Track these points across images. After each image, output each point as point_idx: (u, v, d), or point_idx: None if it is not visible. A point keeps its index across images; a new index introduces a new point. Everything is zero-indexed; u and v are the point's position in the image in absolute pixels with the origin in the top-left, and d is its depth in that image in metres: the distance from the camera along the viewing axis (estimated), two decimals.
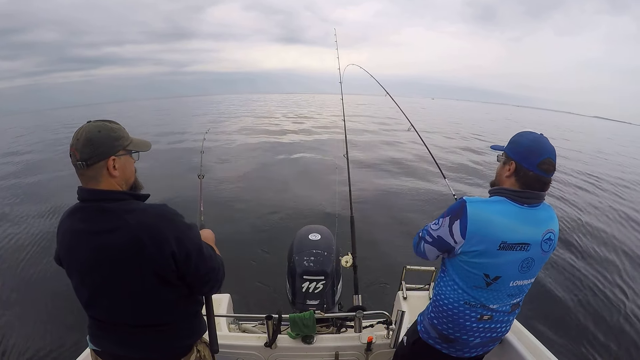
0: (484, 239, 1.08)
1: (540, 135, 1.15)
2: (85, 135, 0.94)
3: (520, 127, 25.27)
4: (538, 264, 1.14)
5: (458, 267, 1.16)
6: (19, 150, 14.52)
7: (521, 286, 1.16)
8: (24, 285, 3.98)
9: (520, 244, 1.08)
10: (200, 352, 1.17)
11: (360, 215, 2.50)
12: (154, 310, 1.02)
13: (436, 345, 1.29)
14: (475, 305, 1.16)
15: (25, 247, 4.90)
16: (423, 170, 9.57)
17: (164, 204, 1.02)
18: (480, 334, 1.21)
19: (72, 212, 1.01)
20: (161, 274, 0.96)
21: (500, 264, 1.10)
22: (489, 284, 1.12)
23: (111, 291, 0.98)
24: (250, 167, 9.82)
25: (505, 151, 1.18)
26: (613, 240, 5.62)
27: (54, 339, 3.09)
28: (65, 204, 6.18)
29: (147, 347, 1.05)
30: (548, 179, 1.11)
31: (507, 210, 1.10)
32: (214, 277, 1.09)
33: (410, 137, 12.94)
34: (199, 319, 1.17)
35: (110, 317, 1.03)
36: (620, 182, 10.36)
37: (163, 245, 0.94)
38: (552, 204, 1.34)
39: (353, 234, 2.22)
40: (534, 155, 1.09)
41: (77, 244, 0.97)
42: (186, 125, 22.74)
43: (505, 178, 1.15)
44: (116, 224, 0.93)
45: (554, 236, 1.13)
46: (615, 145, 24.90)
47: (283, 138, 15.52)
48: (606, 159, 15.70)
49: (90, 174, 0.96)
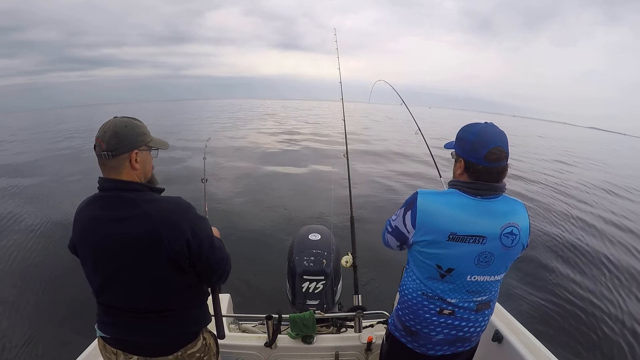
0: (432, 229, 1.08)
1: (484, 124, 1.13)
2: (112, 129, 1.01)
3: (513, 135, 25.11)
4: (501, 260, 1.10)
5: (414, 258, 1.18)
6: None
7: (483, 282, 1.12)
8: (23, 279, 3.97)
9: (473, 237, 1.06)
10: (207, 340, 1.21)
11: (360, 215, 2.51)
12: (166, 297, 1.06)
13: (401, 338, 1.27)
14: (433, 297, 1.15)
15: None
16: (425, 170, 9.59)
17: (178, 197, 1.08)
18: (442, 330, 1.17)
19: (92, 200, 1.05)
20: (176, 260, 1.01)
21: (451, 255, 1.08)
22: (443, 276, 1.11)
23: (125, 277, 1.02)
24: (251, 170, 9.83)
25: (454, 149, 1.18)
26: (615, 243, 5.63)
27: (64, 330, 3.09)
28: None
29: (156, 332, 1.08)
30: (498, 168, 1.08)
31: (459, 202, 1.09)
32: (223, 267, 1.15)
33: (416, 142, 12.94)
34: (205, 309, 1.21)
35: (121, 303, 1.06)
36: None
37: (179, 233, 0.99)
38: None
39: (353, 234, 2.22)
40: (480, 148, 1.07)
41: (95, 230, 1.01)
42: (188, 128, 22.76)
43: (458, 175, 1.16)
44: (134, 212, 0.99)
45: (517, 231, 1.08)
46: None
47: (283, 140, 15.55)
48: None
49: (114, 164, 1.02)
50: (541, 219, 6.41)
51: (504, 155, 1.08)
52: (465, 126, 1.16)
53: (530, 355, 1.49)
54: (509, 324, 1.71)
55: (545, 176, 11.04)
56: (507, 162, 1.10)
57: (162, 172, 5.97)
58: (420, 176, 9.24)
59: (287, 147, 13.91)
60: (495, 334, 1.68)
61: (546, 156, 16.93)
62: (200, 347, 1.16)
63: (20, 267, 4.32)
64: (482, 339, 1.33)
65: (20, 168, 10.43)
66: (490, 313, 1.22)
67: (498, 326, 1.69)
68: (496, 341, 1.67)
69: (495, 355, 1.68)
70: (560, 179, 10.89)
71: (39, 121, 34.93)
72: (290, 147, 13.93)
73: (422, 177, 9.04)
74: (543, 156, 16.77)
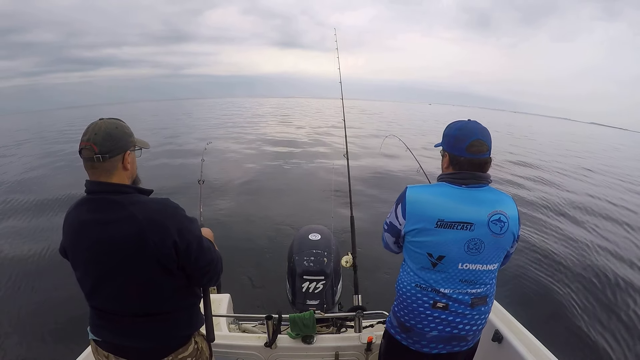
0: (421, 217, 1.14)
1: (467, 121, 1.21)
2: (104, 130, 0.99)
3: (512, 131, 24.96)
4: (492, 248, 1.12)
5: (407, 249, 1.22)
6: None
7: (475, 271, 1.13)
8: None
9: (461, 223, 1.10)
10: (198, 343, 1.19)
11: (360, 215, 2.51)
12: (155, 300, 1.05)
13: (396, 335, 1.28)
14: (427, 289, 1.16)
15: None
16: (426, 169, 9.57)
17: (166, 198, 1.07)
18: (437, 326, 1.17)
19: (80, 204, 1.04)
20: (163, 263, 1.00)
21: (441, 242, 1.12)
22: (434, 264, 1.14)
23: (115, 280, 1.01)
24: (250, 169, 9.81)
25: (441, 146, 1.25)
26: (619, 241, 5.61)
27: (55, 334, 3.08)
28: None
29: (147, 337, 1.07)
30: (480, 160, 1.15)
31: (445, 192, 1.15)
32: (213, 269, 1.14)
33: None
34: (197, 312, 1.20)
35: (112, 306, 1.05)
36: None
37: (165, 235, 0.98)
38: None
39: (353, 234, 2.22)
40: (461, 141, 1.15)
41: (83, 234, 1.00)
42: (186, 128, 22.72)
43: (445, 169, 1.23)
44: (122, 215, 0.97)
45: (505, 218, 1.12)
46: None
47: (283, 139, 15.53)
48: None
49: (107, 167, 1.00)
50: (541, 214, 6.42)
51: (485, 147, 1.15)
52: (450, 123, 1.24)
53: (530, 355, 1.49)
54: (509, 324, 1.70)
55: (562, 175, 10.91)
56: (490, 156, 1.17)
57: (157, 172, 5.92)
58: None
59: (287, 145, 13.88)
60: (495, 334, 1.68)
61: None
62: (191, 352, 1.15)
63: (21, 267, 4.33)
64: (482, 339, 1.33)
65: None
66: (487, 311, 1.21)
67: (498, 326, 1.69)
68: (496, 341, 1.66)
69: (495, 355, 1.67)
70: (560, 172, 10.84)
71: (40, 122, 34.83)
72: (290, 145, 13.89)
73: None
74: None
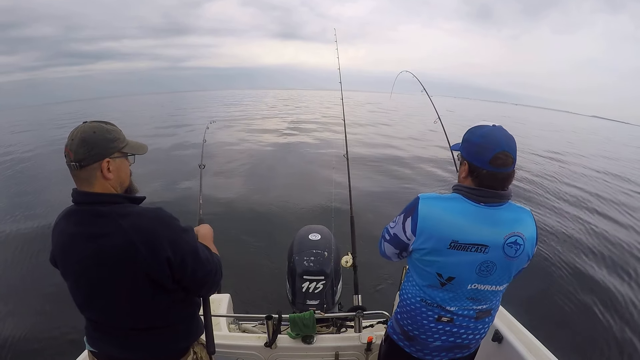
0: (432, 236, 1.05)
1: (492, 127, 1.07)
2: (80, 136, 0.92)
3: (513, 123, 24.69)
4: (503, 270, 1.06)
5: (414, 265, 1.15)
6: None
7: (484, 291, 1.09)
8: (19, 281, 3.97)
9: (475, 245, 1.02)
10: (197, 353, 1.16)
11: (360, 215, 2.50)
12: (149, 314, 1.01)
13: (399, 342, 1.26)
14: (432, 305, 1.12)
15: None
16: (426, 170, 9.58)
17: (159, 208, 1.00)
18: (440, 337, 1.15)
19: (67, 214, 0.99)
20: (155, 279, 0.95)
21: (452, 264, 1.05)
22: (443, 284, 1.08)
23: (106, 295, 0.97)
24: (250, 166, 9.78)
25: (460, 151, 1.14)
26: (621, 243, 5.59)
27: (53, 336, 3.08)
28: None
29: (143, 349, 1.05)
30: (504, 174, 1.03)
31: (462, 209, 1.04)
32: (211, 280, 1.08)
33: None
34: (196, 320, 1.16)
35: (104, 319, 1.02)
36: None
37: (157, 249, 0.92)
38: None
39: (353, 234, 2.22)
40: (485, 152, 1.02)
41: (71, 247, 0.96)
42: (187, 120, 22.62)
43: (463, 179, 1.11)
44: (110, 229, 0.91)
45: (522, 240, 1.04)
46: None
47: (283, 136, 15.48)
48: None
49: (84, 176, 0.94)
50: (542, 215, 6.41)
51: (510, 160, 1.02)
52: (472, 128, 1.11)
53: (530, 355, 1.49)
54: (509, 324, 1.71)
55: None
56: (514, 169, 1.05)
57: (157, 164, 5.81)
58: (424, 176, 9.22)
59: (287, 146, 13.83)
60: (495, 334, 1.68)
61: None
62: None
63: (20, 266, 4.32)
64: (482, 340, 1.33)
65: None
66: (490, 320, 1.19)
67: (498, 326, 1.69)
68: (496, 341, 1.67)
69: (495, 355, 1.68)
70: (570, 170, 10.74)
71: (40, 117, 34.77)
72: (289, 145, 13.83)
73: (427, 177, 9.02)
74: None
